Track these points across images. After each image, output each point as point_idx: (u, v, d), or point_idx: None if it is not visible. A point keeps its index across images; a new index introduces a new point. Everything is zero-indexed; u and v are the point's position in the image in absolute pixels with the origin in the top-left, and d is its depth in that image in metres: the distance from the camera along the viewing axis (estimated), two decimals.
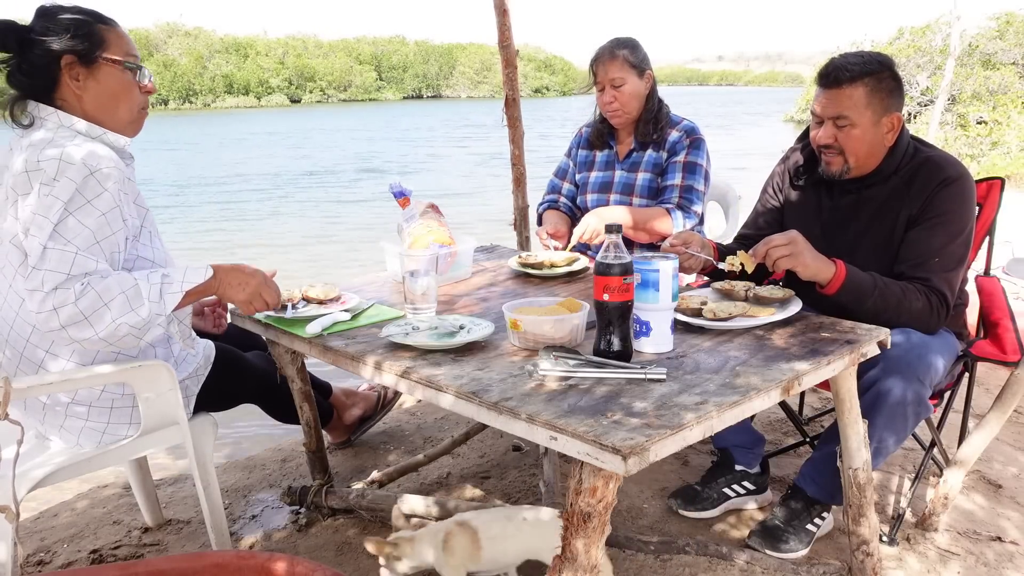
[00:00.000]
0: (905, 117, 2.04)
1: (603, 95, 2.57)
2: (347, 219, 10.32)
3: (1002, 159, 11.66)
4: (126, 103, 1.69)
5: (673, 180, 2.57)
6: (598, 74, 2.56)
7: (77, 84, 1.63)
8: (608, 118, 2.63)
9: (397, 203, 2.24)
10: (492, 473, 2.46)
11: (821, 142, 1.89)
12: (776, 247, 1.73)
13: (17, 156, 1.56)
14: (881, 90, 1.82)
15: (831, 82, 1.84)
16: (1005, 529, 2.09)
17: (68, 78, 1.62)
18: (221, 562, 1.05)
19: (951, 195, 1.81)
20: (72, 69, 1.62)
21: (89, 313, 1.46)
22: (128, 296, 1.49)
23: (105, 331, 1.48)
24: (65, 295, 1.45)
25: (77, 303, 1.45)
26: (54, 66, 1.61)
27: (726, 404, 1.23)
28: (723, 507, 2.15)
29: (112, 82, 1.66)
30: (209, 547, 1.90)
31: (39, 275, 1.45)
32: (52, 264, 1.46)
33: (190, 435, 1.77)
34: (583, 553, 1.21)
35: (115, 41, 1.66)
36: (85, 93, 1.64)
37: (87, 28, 1.63)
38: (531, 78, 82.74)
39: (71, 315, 1.45)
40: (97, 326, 1.47)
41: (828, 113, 1.86)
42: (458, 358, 1.48)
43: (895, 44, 18.18)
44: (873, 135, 1.85)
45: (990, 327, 2.09)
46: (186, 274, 1.58)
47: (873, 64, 1.82)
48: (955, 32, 12.14)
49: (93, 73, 1.64)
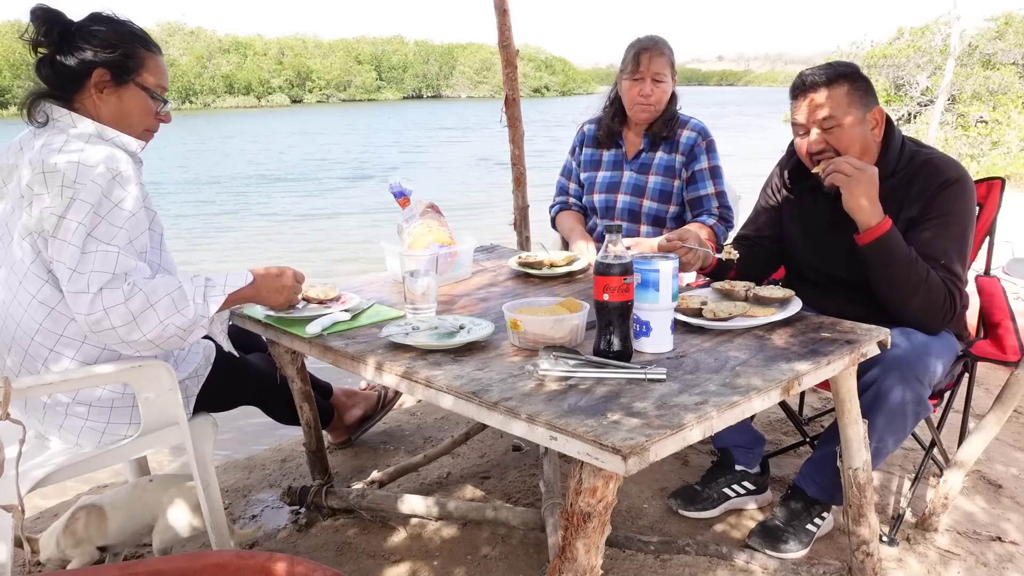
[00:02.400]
0: (905, 117, 2.05)
1: (641, 86, 2.51)
2: (347, 218, 10.32)
3: (1002, 159, 11.66)
4: (140, 124, 1.72)
5: (707, 189, 2.55)
6: (642, 64, 2.49)
7: (100, 96, 1.65)
8: (636, 111, 2.55)
9: (397, 203, 2.24)
10: (492, 473, 2.46)
11: (812, 150, 1.88)
12: (845, 164, 1.73)
13: (27, 155, 1.57)
14: (857, 89, 1.85)
15: (807, 89, 1.86)
16: (1005, 529, 2.09)
17: (93, 88, 1.64)
18: (221, 562, 1.05)
19: (952, 196, 1.81)
20: (101, 82, 1.64)
21: (138, 314, 1.50)
22: (174, 298, 1.53)
23: (153, 332, 1.52)
24: (114, 295, 1.48)
25: (128, 304, 1.49)
26: (84, 74, 1.63)
27: (726, 404, 1.23)
28: (723, 507, 2.15)
29: (134, 104, 1.69)
30: (209, 547, 1.90)
31: (83, 278, 1.48)
32: (96, 265, 1.48)
33: (190, 435, 1.77)
34: (583, 553, 1.21)
35: (152, 69, 1.70)
36: (104, 106, 1.66)
37: (131, 50, 1.66)
38: (531, 78, 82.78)
39: (123, 316, 1.49)
40: (144, 327, 1.51)
41: (813, 118, 1.86)
42: (458, 358, 1.48)
43: (895, 44, 18.17)
44: (861, 132, 1.85)
45: (990, 327, 2.09)
46: (228, 278, 1.64)
47: (841, 67, 1.87)
48: (955, 32, 12.14)
49: (119, 92, 1.67)
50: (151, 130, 1.76)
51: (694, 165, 2.56)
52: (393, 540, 2.07)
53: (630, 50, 2.55)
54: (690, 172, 2.57)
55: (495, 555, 1.98)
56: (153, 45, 1.73)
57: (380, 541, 2.06)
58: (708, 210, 2.55)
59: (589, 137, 2.76)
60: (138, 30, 1.72)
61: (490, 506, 2.06)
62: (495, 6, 3.36)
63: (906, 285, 1.76)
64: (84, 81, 1.63)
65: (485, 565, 1.94)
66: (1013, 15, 17.47)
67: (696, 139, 2.56)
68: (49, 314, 1.59)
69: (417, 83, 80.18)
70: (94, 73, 1.63)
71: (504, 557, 1.97)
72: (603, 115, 2.70)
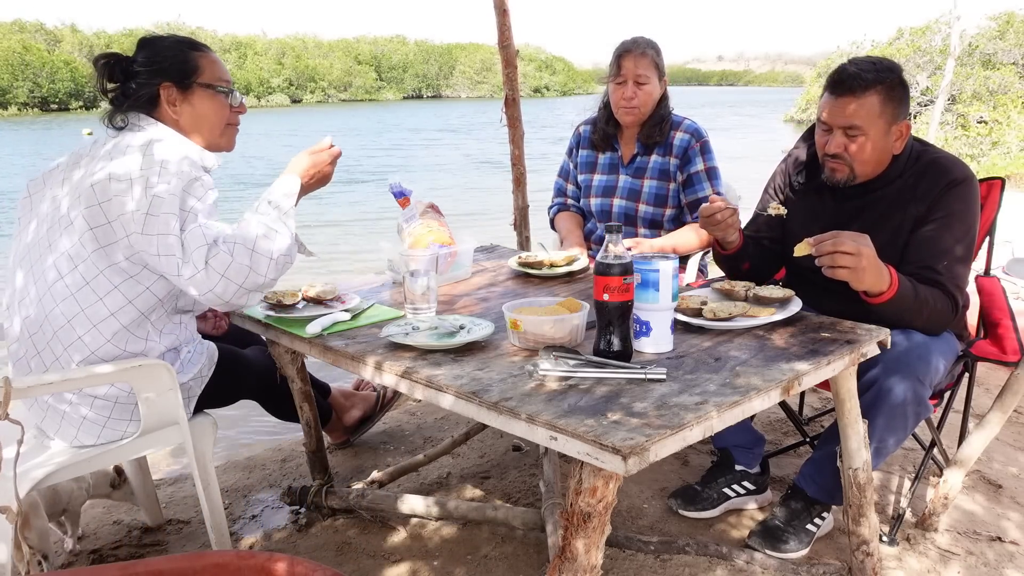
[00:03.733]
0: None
1: (624, 89, 2.49)
2: (348, 220, 10.32)
3: (1002, 159, 11.67)
4: (218, 121, 1.80)
5: (704, 191, 2.53)
6: (624, 67, 2.48)
7: (175, 110, 1.75)
8: (621, 114, 2.54)
9: (397, 203, 2.24)
10: (492, 473, 2.46)
11: (830, 151, 1.85)
12: (844, 255, 1.61)
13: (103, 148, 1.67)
14: (893, 99, 1.79)
15: (844, 90, 1.79)
16: (1005, 529, 2.09)
17: (166, 102, 1.74)
18: (221, 562, 1.05)
19: (958, 196, 1.81)
20: (170, 94, 1.74)
21: (250, 262, 1.58)
22: (264, 233, 1.62)
23: (270, 270, 1.61)
24: (221, 260, 1.56)
25: (235, 259, 1.56)
26: (155, 94, 1.73)
27: (726, 404, 1.23)
28: (723, 507, 2.15)
29: (205, 105, 1.78)
30: (209, 547, 1.90)
31: (189, 263, 1.56)
32: (193, 243, 1.57)
33: (190, 435, 1.78)
34: (583, 553, 1.21)
35: (208, 67, 1.78)
36: (181, 116, 1.76)
37: (183, 56, 1.76)
38: (531, 78, 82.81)
39: (240, 271, 1.57)
40: (260, 268, 1.60)
41: (839, 122, 1.81)
42: (458, 358, 1.48)
43: (895, 44, 18.18)
44: (883, 144, 1.82)
45: (990, 327, 2.09)
46: (283, 189, 1.72)
47: (885, 72, 1.79)
48: (955, 32, 12.14)
49: (188, 97, 1.76)
50: (233, 124, 1.85)
51: (689, 168, 2.54)
52: (393, 540, 2.07)
53: (614, 53, 2.54)
54: (686, 175, 2.55)
55: (495, 555, 1.98)
56: (201, 45, 1.82)
57: (380, 541, 2.06)
58: None
59: (585, 139, 2.75)
60: (182, 37, 1.82)
61: (490, 506, 2.06)
62: (495, 6, 3.36)
63: (917, 319, 1.77)
64: (156, 99, 1.73)
65: (485, 565, 1.94)
66: (1014, 15, 17.48)
67: (690, 141, 2.54)
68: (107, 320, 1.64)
69: (417, 83, 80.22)
70: (162, 91, 1.72)
71: (504, 557, 1.97)
72: (598, 118, 2.69)
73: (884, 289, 1.68)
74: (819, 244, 1.64)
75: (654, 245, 2.46)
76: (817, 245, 1.65)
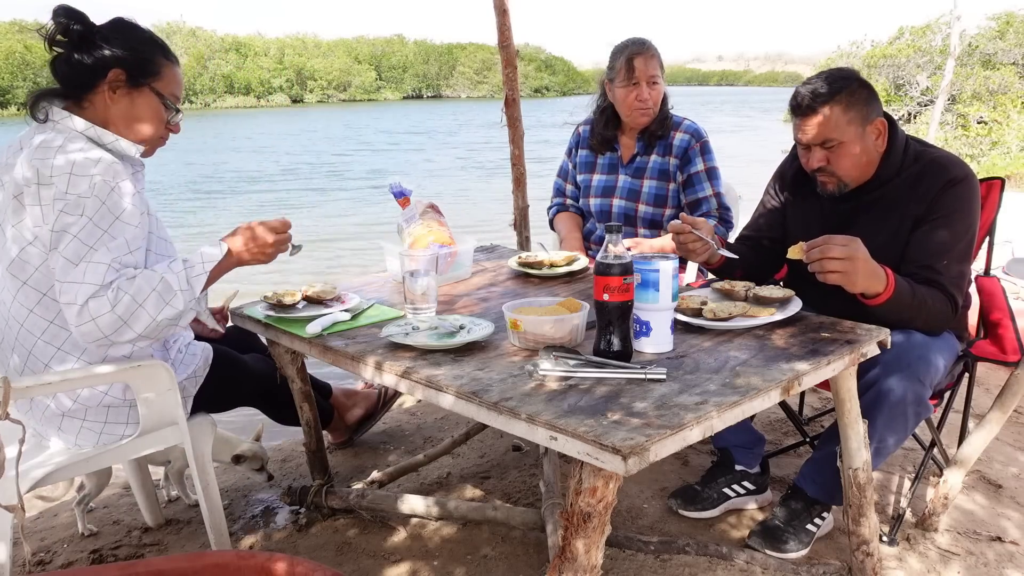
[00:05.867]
0: (905, 117, 2.04)
1: (638, 91, 2.48)
2: (346, 220, 10.32)
3: (1002, 159, 11.66)
4: (149, 130, 1.72)
5: (705, 191, 2.54)
6: (636, 68, 2.46)
7: (112, 96, 1.66)
8: (636, 116, 2.53)
9: (397, 203, 2.24)
10: (492, 473, 2.46)
11: (813, 166, 1.89)
12: (833, 260, 1.62)
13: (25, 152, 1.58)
14: (857, 102, 1.81)
15: (806, 111, 1.83)
16: (1005, 529, 2.09)
17: (107, 87, 1.65)
18: (221, 562, 1.05)
19: (957, 195, 1.81)
20: (115, 83, 1.65)
21: (128, 317, 1.51)
22: (159, 292, 1.54)
23: (145, 329, 1.54)
24: (100, 304, 1.49)
25: (114, 310, 1.50)
26: (100, 73, 1.64)
27: (726, 404, 1.23)
28: (723, 507, 2.15)
29: (145, 109, 1.69)
30: (209, 547, 1.90)
31: (72, 288, 1.50)
32: (87, 277, 1.50)
33: (189, 435, 1.77)
34: (583, 553, 1.21)
35: (168, 78, 1.72)
36: (115, 107, 1.67)
37: (151, 55, 1.69)
38: (531, 78, 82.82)
39: (111, 323, 1.50)
40: (136, 326, 1.53)
41: (813, 140, 1.85)
42: (458, 358, 1.48)
43: (895, 44, 18.18)
44: (863, 146, 1.84)
45: (990, 327, 2.09)
46: (203, 256, 1.64)
47: (839, 82, 1.81)
48: (955, 32, 12.13)
49: (132, 94, 1.67)
50: (163, 138, 1.77)
51: (690, 168, 2.55)
52: (393, 540, 2.07)
53: (618, 56, 2.51)
54: (686, 175, 2.55)
55: (495, 555, 1.98)
56: (172, 56, 1.75)
57: (380, 541, 2.06)
58: (707, 212, 2.54)
59: (584, 139, 2.74)
60: (160, 40, 1.75)
61: (490, 506, 2.06)
62: (495, 6, 3.36)
63: (916, 319, 1.77)
64: (99, 80, 1.64)
65: (485, 565, 1.94)
66: (1014, 15, 17.48)
67: (690, 141, 2.55)
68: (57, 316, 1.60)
69: (417, 83, 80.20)
70: (110, 73, 1.64)
71: (504, 557, 1.97)
72: (594, 123, 2.68)
73: (880, 291, 1.68)
74: (809, 250, 1.66)
75: (654, 245, 2.46)
76: (808, 251, 1.66)
